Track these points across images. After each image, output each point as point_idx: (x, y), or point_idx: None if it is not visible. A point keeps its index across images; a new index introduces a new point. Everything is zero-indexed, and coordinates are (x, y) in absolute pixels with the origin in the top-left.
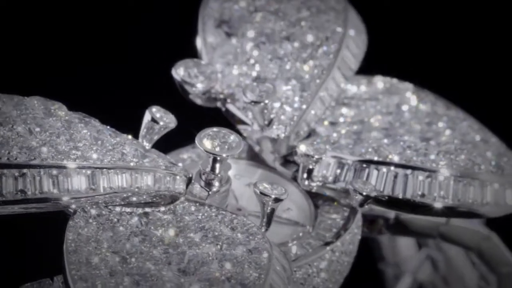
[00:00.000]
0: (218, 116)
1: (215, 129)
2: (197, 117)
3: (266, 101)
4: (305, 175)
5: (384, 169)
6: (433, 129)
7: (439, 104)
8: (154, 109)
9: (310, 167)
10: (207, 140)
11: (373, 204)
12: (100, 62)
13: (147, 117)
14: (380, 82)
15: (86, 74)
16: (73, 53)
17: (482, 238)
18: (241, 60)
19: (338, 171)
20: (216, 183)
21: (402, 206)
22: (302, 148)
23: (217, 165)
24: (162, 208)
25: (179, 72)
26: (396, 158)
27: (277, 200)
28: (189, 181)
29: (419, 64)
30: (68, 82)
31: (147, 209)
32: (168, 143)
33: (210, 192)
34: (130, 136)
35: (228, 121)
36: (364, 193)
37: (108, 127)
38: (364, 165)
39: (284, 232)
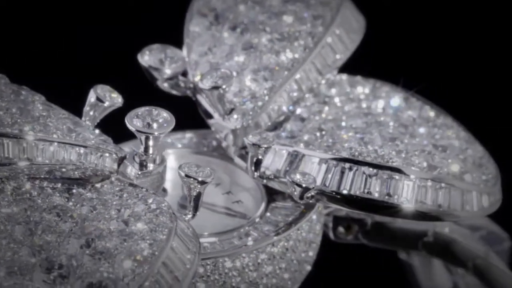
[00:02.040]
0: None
1: (146, 108)
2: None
3: (224, 87)
4: (253, 166)
5: (331, 163)
6: (409, 131)
7: (427, 109)
8: (99, 88)
9: (259, 157)
10: (137, 119)
11: (326, 201)
12: (100, 62)
13: (91, 96)
14: (370, 83)
15: (86, 74)
16: (73, 52)
17: (477, 256)
18: (216, 50)
19: (289, 164)
20: (150, 164)
21: (363, 205)
22: (250, 138)
23: (150, 145)
24: (89, 186)
25: (144, 58)
26: (345, 153)
27: (203, 182)
28: (121, 161)
29: (420, 65)
30: (68, 82)
31: (73, 186)
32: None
33: (139, 173)
34: (65, 111)
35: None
36: (304, 185)
37: (48, 103)
38: (314, 160)
39: (227, 223)
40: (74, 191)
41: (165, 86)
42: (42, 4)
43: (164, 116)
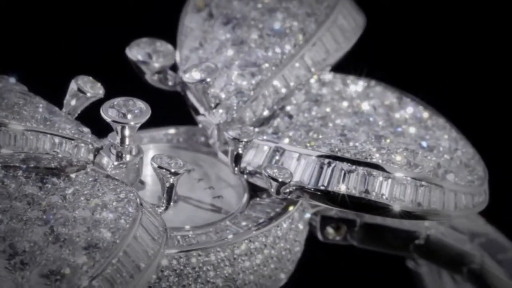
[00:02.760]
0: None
1: (122, 98)
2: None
3: (208, 80)
4: (233, 161)
5: (310, 159)
6: (398, 131)
7: (420, 110)
8: (80, 79)
9: (240, 151)
10: (113, 109)
11: (305, 197)
12: (100, 62)
13: (72, 86)
14: (364, 83)
15: (86, 74)
16: (73, 52)
17: (471, 261)
18: (207, 45)
19: (270, 159)
20: (126, 155)
21: (340, 202)
22: (230, 132)
23: (126, 135)
24: (63, 176)
25: (132, 51)
26: (324, 149)
27: (176, 173)
28: (96, 151)
29: (418, 65)
30: (68, 82)
31: (48, 176)
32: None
33: (114, 164)
34: (44, 101)
35: None
36: (280, 180)
37: (28, 92)
38: (294, 155)
39: (205, 217)
40: (47, 180)
41: (153, 80)
42: (42, 4)
43: (140, 106)
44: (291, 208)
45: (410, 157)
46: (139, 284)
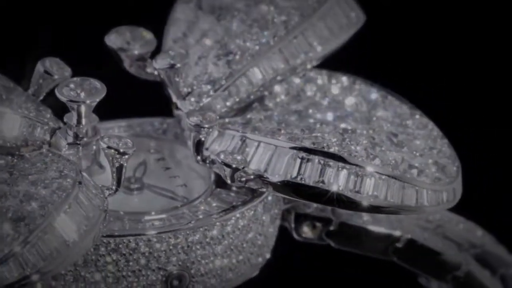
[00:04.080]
0: None
1: (78, 78)
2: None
3: (178, 65)
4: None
5: (268, 147)
6: (373, 126)
7: (404, 109)
8: (47, 61)
9: (202, 138)
10: (68, 88)
11: (269, 188)
12: (100, 62)
13: (39, 68)
14: (348, 80)
15: (86, 74)
16: (73, 52)
17: (455, 268)
18: (190, 35)
19: (233, 148)
20: (82, 136)
21: (297, 192)
22: (192, 118)
23: (82, 115)
24: (17, 155)
25: (111, 38)
26: (283, 137)
27: (124, 154)
28: (53, 132)
29: (417, 65)
30: None
31: (1, 153)
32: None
33: (68, 143)
34: (9, 82)
35: None
36: (233, 166)
37: None
38: (254, 144)
39: (162, 204)
40: (0, 158)
41: (132, 68)
42: (42, 4)
43: (95, 85)
44: (254, 199)
45: (370, 149)
46: (67, 260)
